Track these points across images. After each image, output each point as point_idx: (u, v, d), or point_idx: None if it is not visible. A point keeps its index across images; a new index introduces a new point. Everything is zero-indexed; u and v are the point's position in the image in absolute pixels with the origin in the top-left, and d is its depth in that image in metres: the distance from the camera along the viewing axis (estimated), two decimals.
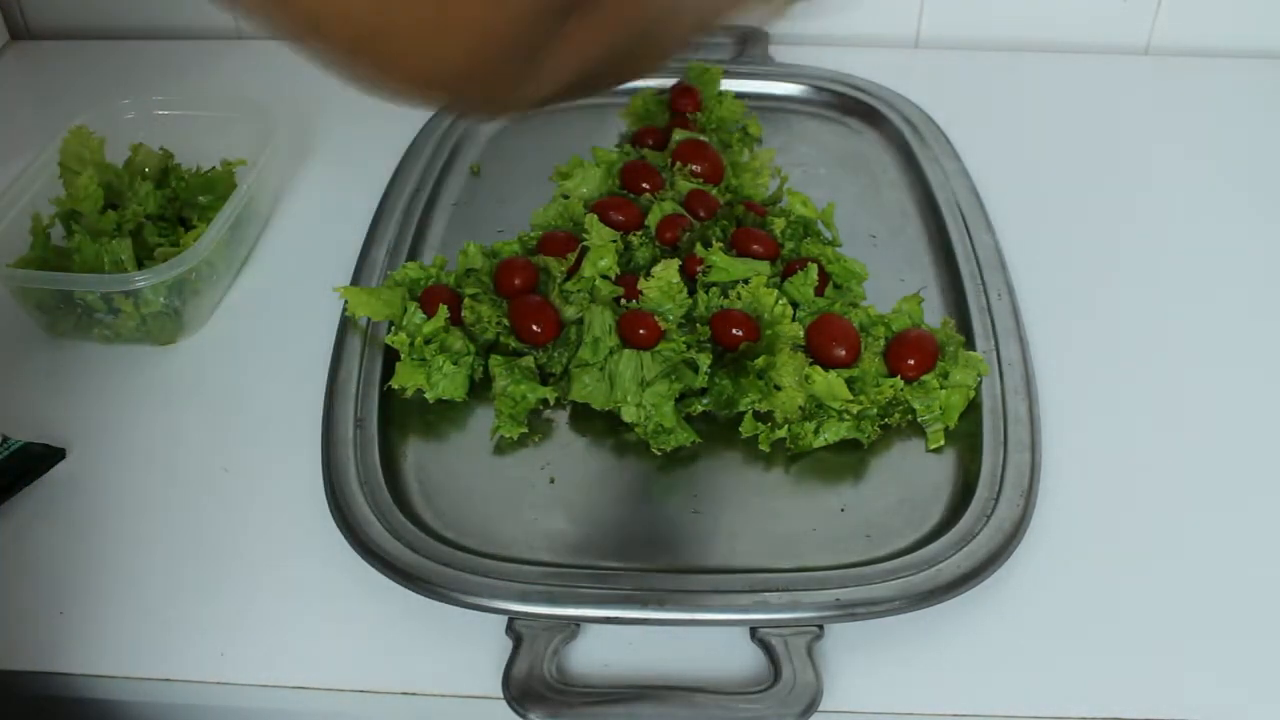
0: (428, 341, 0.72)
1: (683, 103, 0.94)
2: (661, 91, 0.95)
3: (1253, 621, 0.62)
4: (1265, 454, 0.71)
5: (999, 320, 0.77)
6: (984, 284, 0.79)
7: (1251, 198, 0.91)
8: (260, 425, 0.73)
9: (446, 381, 0.72)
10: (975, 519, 0.65)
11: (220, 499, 0.69)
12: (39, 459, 0.69)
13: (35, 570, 0.65)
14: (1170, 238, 0.87)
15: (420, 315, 0.73)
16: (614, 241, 0.76)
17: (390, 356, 0.74)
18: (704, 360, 0.70)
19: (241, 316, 0.81)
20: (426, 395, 0.72)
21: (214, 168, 0.85)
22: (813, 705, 0.56)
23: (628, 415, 0.69)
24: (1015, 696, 0.59)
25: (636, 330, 0.71)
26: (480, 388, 0.73)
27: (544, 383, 0.73)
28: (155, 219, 0.81)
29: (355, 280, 0.81)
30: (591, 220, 0.77)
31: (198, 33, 1.12)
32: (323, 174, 0.94)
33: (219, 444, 0.72)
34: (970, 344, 0.75)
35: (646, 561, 0.64)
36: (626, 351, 0.70)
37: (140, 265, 0.78)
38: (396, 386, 0.72)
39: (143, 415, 0.74)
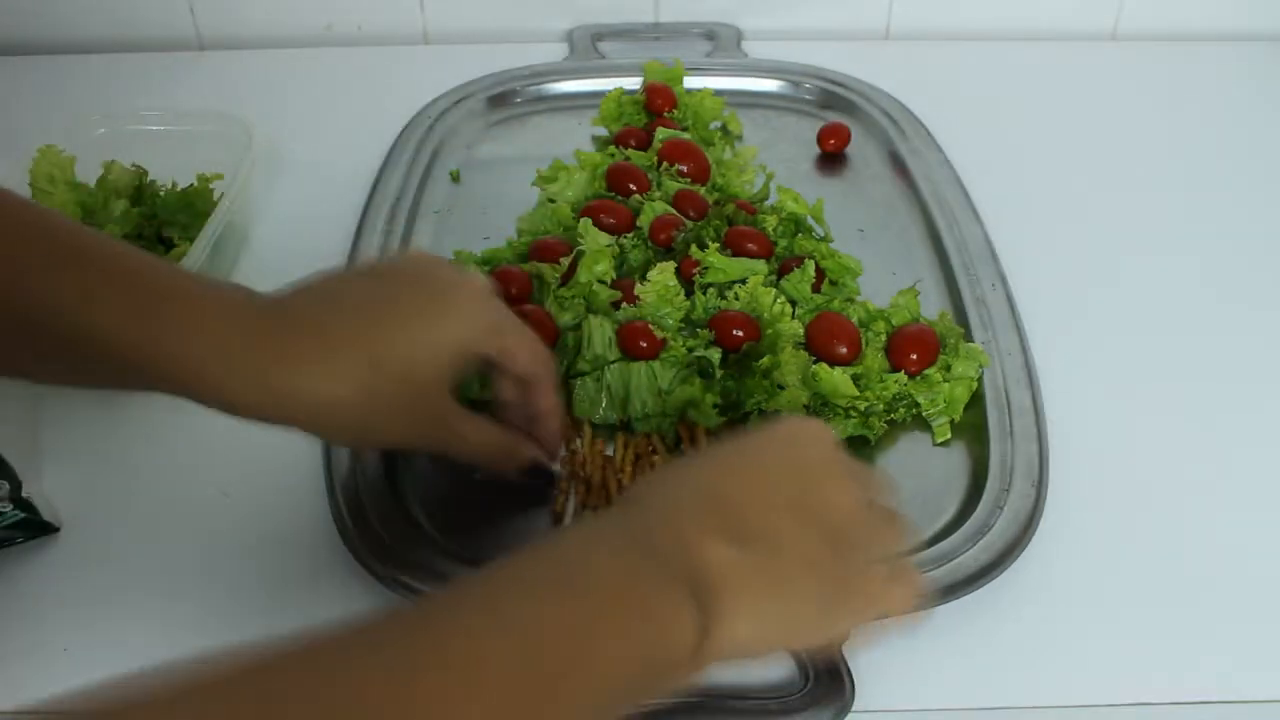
0: None
1: (659, 102, 0.93)
2: (628, 92, 0.94)
3: (1274, 601, 0.63)
4: (1273, 431, 0.72)
5: (994, 311, 0.77)
6: (977, 275, 0.80)
7: (1223, 176, 0.93)
8: (259, 437, 0.71)
9: None
10: (989, 511, 0.65)
11: (221, 517, 0.67)
12: (34, 531, 0.66)
13: (38, 606, 0.63)
14: (1151, 218, 0.88)
15: None
16: (609, 245, 0.75)
17: None
18: (714, 356, 0.70)
19: None
20: None
21: (191, 184, 0.83)
22: (845, 707, 0.56)
23: (643, 426, 0.69)
24: (1044, 687, 0.59)
25: (637, 343, 0.70)
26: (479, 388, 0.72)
27: None
28: (133, 238, 0.79)
29: None
30: (585, 225, 0.76)
31: (161, 44, 1.10)
32: (297, 186, 0.92)
33: (218, 455, 0.70)
34: (968, 336, 0.75)
35: None
36: (636, 364, 0.69)
37: None
38: None
39: (139, 429, 0.72)
